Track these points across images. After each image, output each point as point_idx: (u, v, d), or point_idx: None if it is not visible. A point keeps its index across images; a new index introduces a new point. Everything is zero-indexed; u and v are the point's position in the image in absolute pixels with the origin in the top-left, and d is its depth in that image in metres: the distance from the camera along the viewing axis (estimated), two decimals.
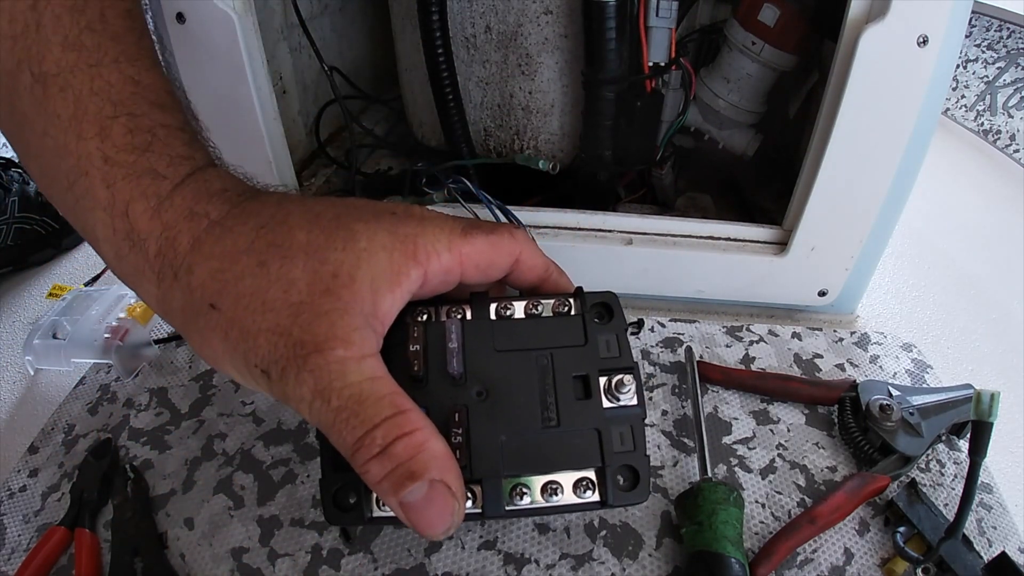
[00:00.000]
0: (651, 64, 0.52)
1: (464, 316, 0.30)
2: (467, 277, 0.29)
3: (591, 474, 0.28)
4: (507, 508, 0.27)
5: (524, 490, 0.27)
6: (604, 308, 0.32)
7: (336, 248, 0.25)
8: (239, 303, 0.24)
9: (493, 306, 0.30)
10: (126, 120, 0.25)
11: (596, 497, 0.28)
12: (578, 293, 0.31)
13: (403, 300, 0.27)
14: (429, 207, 0.52)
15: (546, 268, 0.32)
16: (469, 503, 0.27)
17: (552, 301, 0.31)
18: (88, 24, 0.25)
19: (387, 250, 0.26)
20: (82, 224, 0.26)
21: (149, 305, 0.27)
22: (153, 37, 0.29)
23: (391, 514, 0.27)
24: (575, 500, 0.28)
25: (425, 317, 0.30)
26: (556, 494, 0.27)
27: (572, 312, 0.31)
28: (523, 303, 0.31)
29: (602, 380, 0.29)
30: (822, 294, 0.53)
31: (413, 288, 0.27)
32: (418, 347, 0.28)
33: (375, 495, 0.27)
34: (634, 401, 0.29)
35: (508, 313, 0.30)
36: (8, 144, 0.28)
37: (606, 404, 0.29)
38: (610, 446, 0.28)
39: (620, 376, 0.29)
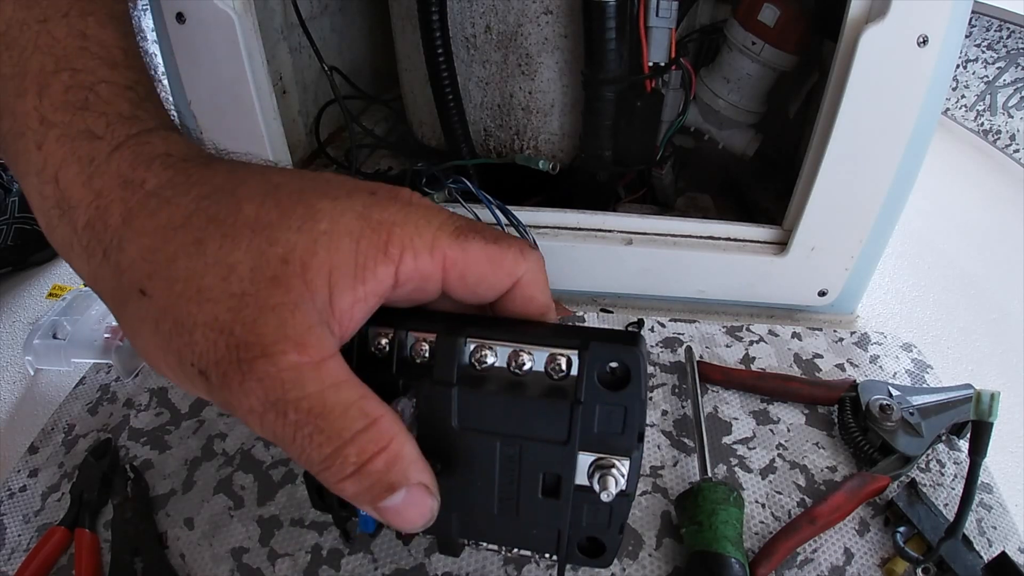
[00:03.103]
0: (651, 64, 0.52)
1: (430, 355, 0.24)
2: (451, 289, 0.24)
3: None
4: (462, 543, 0.28)
5: (483, 542, 0.28)
6: (621, 368, 0.23)
7: (290, 227, 0.21)
8: (172, 289, 0.21)
9: (469, 348, 0.24)
10: (67, 76, 0.23)
11: (552, 560, 0.28)
12: (582, 354, 0.23)
13: (368, 303, 0.22)
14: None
15: (548, 310, 0.26)
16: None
17: (547, 355, 0.23)
18: None
19: (352, 237, 0.21)
20: (25, 189, 0.24)
21: (82, 277, 0.24)
22: (137, 24, 0.27)
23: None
24: (529, 555, 0.28)
25: (384, 343, 0.25)
26: (511, 551, 0.28)
27: (566, 377, 0.23)
28: (508, 351, 0.24)
29: (587, 461, 0.24)
30: (822, 294, 0.54)
31: (381, 291, 0.22)
32: None
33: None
34: (623, 487, 0.23)
35: (485, 364, 0.24)
36: None
37: (584, 483, 0.24)
38: (576, 527, 0.26)
39: (612, 463, 0.23)
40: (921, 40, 0.40)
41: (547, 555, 0.27)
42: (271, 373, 0.20)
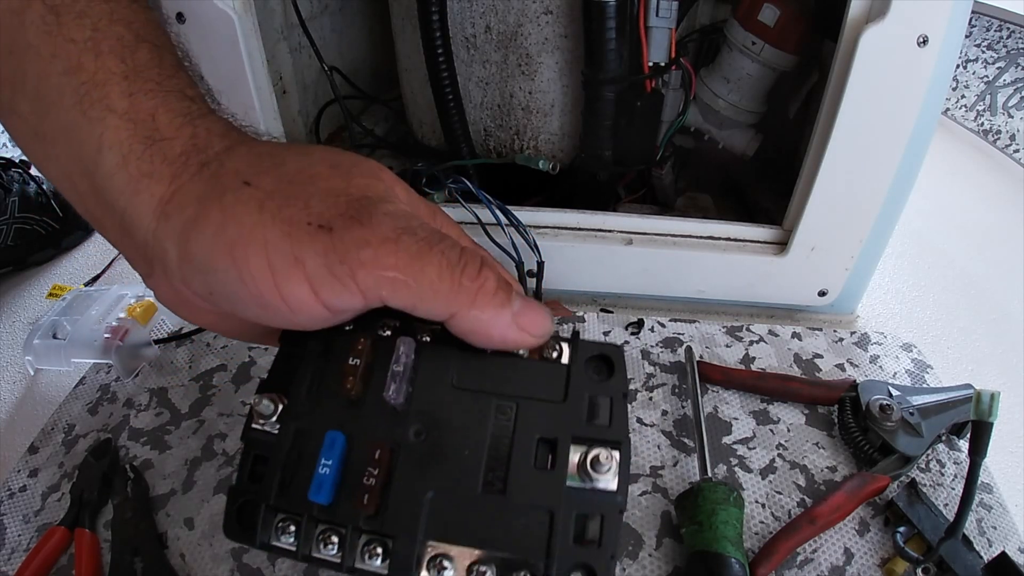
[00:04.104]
0: (651, 64, 0.52)
1: (432, 339, 0.25)
2: None
3: (532, 565, 0.22)
4: (418, 558, 0.22)
5: (445, 563, 0.22)
6: (604, 362, 0.25)
7: (372, 165, 0.26)
8: (282, 178, 0.23)
9: None
10: (149, 48, 0.24)
11: None
12: (574, 339, 0.26)
13: None
14: None
15: None
16: (377, 560, 0.22)
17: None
18: None
19: (414, 195, 0.27)
20: (81, 139, 0.24)
21: (135, 216, 0.23)
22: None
23: (287, 545, 0.23)
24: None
25: (388, 333, 0.25)
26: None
27: (559, 359, 0.25)
28: None
29: (576, 450, 0.23)
30: (822, 294, 0.54)
31: None
32: (358, 361, 0.24)
33: (277, 519, 0.23)
34: (612, 486, 0.23)
35: None
36: (7, 131, 0.27)
37: (573, 483, 0.23)
38: (565, 536, 0.22)
39: (601, 451, 0.23)
40: (921, 40, 0.40)
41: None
42: (393, 209, 0.23)
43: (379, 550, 0.22)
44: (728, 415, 0.46)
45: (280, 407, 0.24)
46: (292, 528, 0.23)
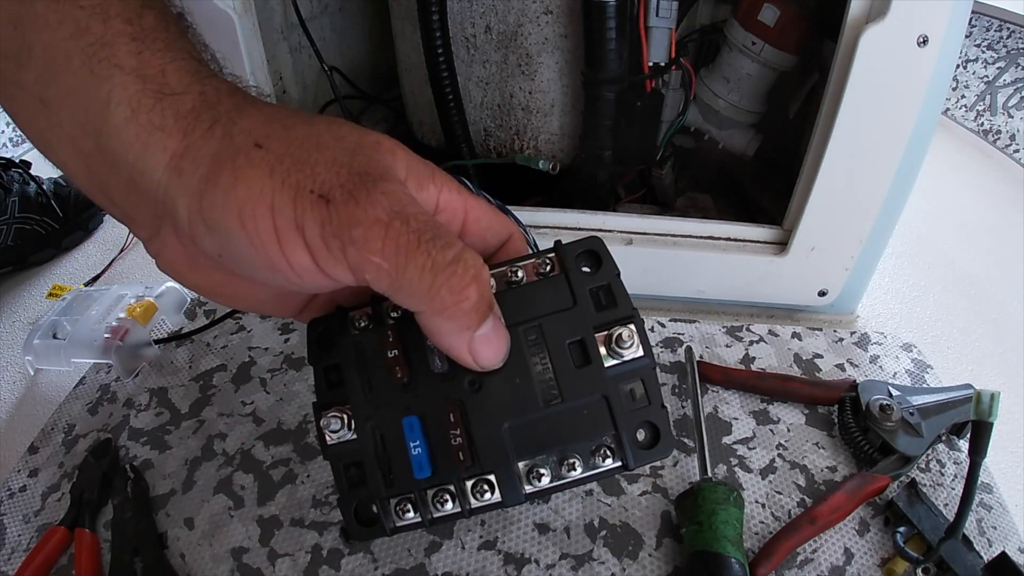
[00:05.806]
0: (651, 64, 0.52)
1: None
2: (468, 232, 0.29)
3: (607, 439, 0.27)
4: (527, 492, 0.27)
5: (540, 471, 0.26)
6: (590, 256, 0.29)
7: (374, 139, 0.25)
8: (291, 142, 0.23)
9: None
10: (156, 14, 0.25)
11: (617, 462, 0.27)
12: (557, 248, 0.29)
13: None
14: None
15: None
16: (488, 495, 0.26)
17: (530, 262, 0.28)
18: None
19: (413, 158, 0.26)
20: (88, 98, 0.24)
21: (146, 169, 0.24)
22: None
23: (413, 520, 0.27)
24: (595, 470, 0.27)
25: (397, 314, 0.28)
26: (574, 468, 0.26)
27: (554, 271, 0.28)
28: (499, 271, 0.28)
29: (599, 337, 0.27)
30: (822, 294, 0.54)
31: (429, 208, 0.26)
32: (396, 352, 0.27)
33: (392, 504, 0.27)
34: (639, 353, 0.27)
35: None
36: (5, 111, 0.26)
37: (609, 363, 0.27)
38: (621, 407, 0.26)
39: (620, 330, 0.27)
40: (921, 40, 0.40)
41: (611, 450, 0.26)
42: (392, 189, 0.23)
43: (486, 487, 0.26)
44: (728, 415, 0.46)
45: (346, 416, 0.27)
46: (408, 506, 0.27)
